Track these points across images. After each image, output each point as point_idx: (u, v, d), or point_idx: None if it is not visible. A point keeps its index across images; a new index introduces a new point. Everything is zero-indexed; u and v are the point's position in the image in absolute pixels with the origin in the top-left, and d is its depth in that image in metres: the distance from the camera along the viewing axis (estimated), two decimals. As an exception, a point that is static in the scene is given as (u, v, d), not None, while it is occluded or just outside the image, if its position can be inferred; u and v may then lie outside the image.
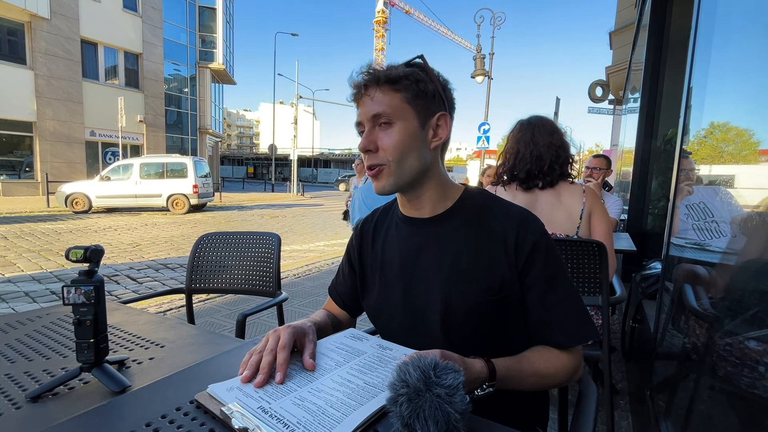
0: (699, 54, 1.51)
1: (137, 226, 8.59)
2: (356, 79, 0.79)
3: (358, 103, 0.81)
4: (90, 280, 0.69)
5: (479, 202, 0.83)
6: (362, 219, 0.99)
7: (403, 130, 0.76)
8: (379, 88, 0.77)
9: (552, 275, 0.77)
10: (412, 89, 0.76)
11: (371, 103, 0.77)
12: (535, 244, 0.76)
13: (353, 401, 0.58)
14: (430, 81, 0.78)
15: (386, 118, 0.76)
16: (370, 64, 0.80)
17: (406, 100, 0.77)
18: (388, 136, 0.76)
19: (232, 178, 44.23)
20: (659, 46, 3.17)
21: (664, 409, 1.51)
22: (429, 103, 0.78)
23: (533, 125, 1.65)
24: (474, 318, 0.77)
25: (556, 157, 1.60)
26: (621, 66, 7.99)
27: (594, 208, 1.64)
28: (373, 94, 0.77)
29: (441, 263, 0.79)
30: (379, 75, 0.77)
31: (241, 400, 0.58)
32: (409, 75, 0.76)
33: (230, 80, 26.31)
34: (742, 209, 1.30)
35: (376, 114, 0.76)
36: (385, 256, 0.88)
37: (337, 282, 1.02)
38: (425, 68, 0.80)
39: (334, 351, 0.73)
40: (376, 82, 0.77)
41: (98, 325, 0.70)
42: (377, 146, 0.77)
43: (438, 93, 0.79)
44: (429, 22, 46.50)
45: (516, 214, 0.80)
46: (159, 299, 3.48)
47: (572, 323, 0.76)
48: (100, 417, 0.58)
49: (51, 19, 14.03)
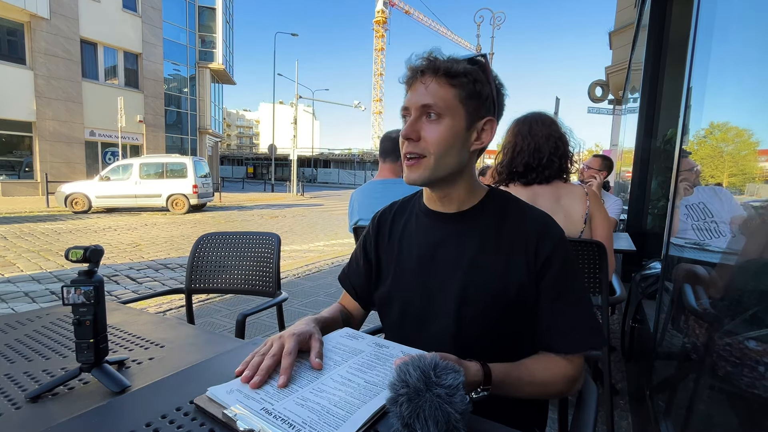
0: (698, 54, 1.51)
1: (137, 226, 8.58)
2: (414, 63, 0.77)
3: (409, 86, 0.78)
4: (90, 280, 0.69)
5: (502, 202, 0.84)
6: (379, 211, 0.98)
7: (450, 127, 0.75)
8: (436, 79, 0.74)
9: (566, 282, 0.77)
10: (468, 88, 0.74)
11: (424, 92, 0.74)
12: (554, 250, 0.76)
13: (356, 400, 0.58)
14: (487, 83, 0.76)
15: (436, 111, 0.74)
16: (432, 51, 0.77)
17: (460, 98, 0.75)
18: (434, 130, 0.75)
19: (231, 178, 44.20)
20: (659, 46, 3.17)
21: (663, 409, 1.51)
22: (480, 106, 0.77)
23: (530, 119, 1.62)
24: (487, 316, 0.77)
25: (555, 148, 1.56)
26: (621, 66, 8.00)
27: (596, 211, 1.61)
28: (428, 83, 0.74)
29: (460, 259, 0.79)
30: (439, 66, 0.74)
31: (243, 401, 0.58)
32: (468, 73, 0.74)
33: (230, 80, 26.31)
34: (741, 209, 1.31)
35: (427, 104, 0.74)
36: (402, 247, 0.88)
37: (350, 272, 1.00)
38: (485, 69, 0.77)
39: (332, 351, 0.73)
40: (435, 71, 0.74)
41: (98, 326, 0.70)
42: (420, 136, 0.75)
43: (491, 97, 0.78)
44: (429, 22, 46.53)
45: (537, 218, 0.80)
46: (159, 299, 3.48)
47: (577, 331, 0.75)
48: (100, 417, 0.58)
49: (50, 19, 14.02)
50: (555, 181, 1.60)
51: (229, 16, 25.07)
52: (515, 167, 1.62)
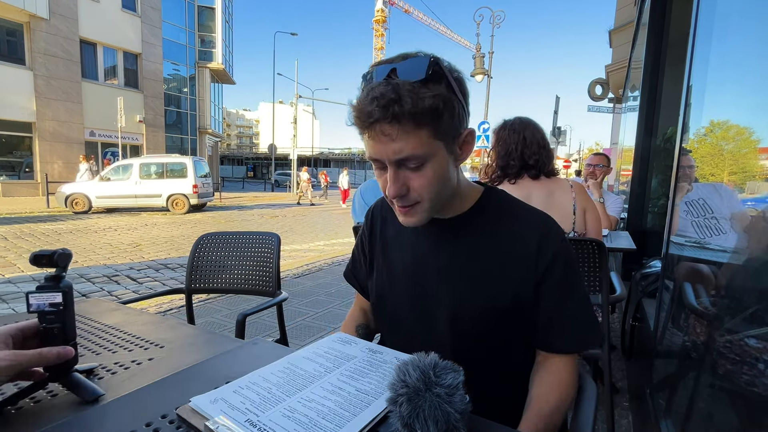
0: (698, 52, 1.50)
1: (137, 226, 8.58)
2: (366, 106, 0.62)
3: (367, 134, 0.65)
4: (57, 285, 0.64)
5: (499, 204, 0.80)
6: (372, 205, 0.96)
7: (437, 169, 0.67)
8: (400, 127, 0.62)
9: (567, 284, 0.75)
10: (440, 119, 0.63)
11: (392, 144, 0.63)
12: (556, 254, 0.73)
13: (346, 411, 0.55)
14: (452, 94, 0.65)
15: (414, 161, 0.65)
16: (378, 85, 0.62)
17: (436, 135, 0.64)
18: (420, 179, 0.67)
19: (231, 177, 44.19)
20: (659, 44, 3.16)
21: (664, 408, 1.51)
22: (457, 126, 0.68)
23: (517, 122, 1.72)
24: (482, 326, 0.75)
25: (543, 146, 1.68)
26: (621, 64, 7.99)
27: (587, 205, 1.69)
28: (393, 134, 0.62)
29: (454, 268, 0.77)
30: (400, 111, 0.60)
31: (227, 412, 0.55)
32: (435, 107, 0.62)
33: (229, 80, 26.30)
34: (741, 206, 1.30)
35: (402, 159, 0.65)
36: (395, 249, 0.86)
37: (355, 268, 1.00)
38: (445, 77, 0.64)
39: (323, 356, 0.71)
40: (397, 119, 0.61)
41: (67, 333, 0.65)
42: (408, 189, 0.68)
43: (461, 105, 0.67)
44: (428, 21, 46.47)
45: (537, 220, 0.77)
46: (159, 299, 3.48)
47: (577, 330, 0.75)
48: (99, 417, 0.58)
49: (50, 19, 14.01)
50: (544, 177, 1.68)
51: (229, 15, 25.06)
52: (504, 165, 1.70)
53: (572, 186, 1.68)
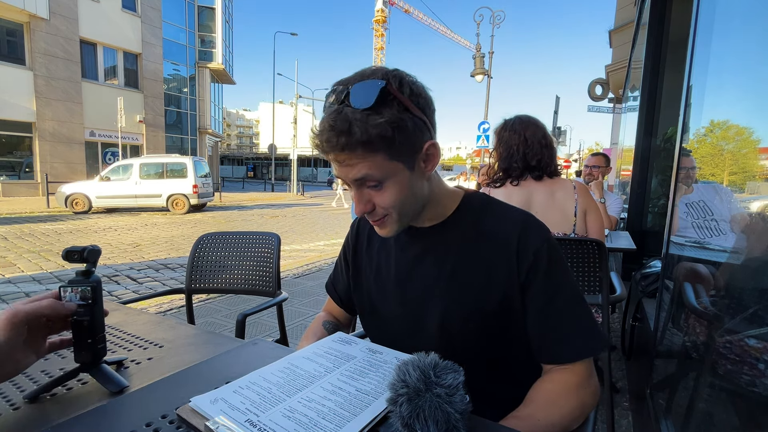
0: (698, 52, 1.50)
1: (137, 227, 8.58)
2: (320, 135, 0.64)
3: (329, 157, 0.68)
4: (87, 280, 0.68)
5: (479, 208, 0.79)
6: (359, 217, 0.97)
7: (397, 186, 0.68)
8: (354, 155, 0.64)
9: (555, 284, 0.72)
10: (393, 141, 0.63)
11: (350, 169, 0.66)
12: (537, 252, 0.71)
13: (346, 411, 0.55)
14: (406, 111, 0.64)
15: (373, 182, 0.67)
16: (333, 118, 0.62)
17: (391, 156, 0.65)
18: (382, 196, 0.69)
19: (232, 177, 44.20)
20: (659, 44, 3.16)
21: (664, 408, 1.51)
22: (414, 142, 0.67)
23: (518, 121, 1.71)
24: (473, 327, 0.75)
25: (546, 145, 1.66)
26: (621, 64, 7.99)
27: (588, 206, 1.67)
28: (348, 160, 0.65)
29: (440, 275, 0.76)
30: (349, 142, 0.62)
31: (227, 412, 0.55)
32: (384, 132, 0.62)
33: (229, 80, 26.30)
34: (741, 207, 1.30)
35: (360, 179, 0.67)
36: (380, 259, 0.87)
37: (336, 279, 1.01)
38: (396, 96, 0.63)
39: (323, 356, 0.70)
40: (349, 148, 0.63)
41: (96, 326, 0.69)
42: (373, 205, 0.71)
43: (419, 121, 0.67)
44: (428, 21, 46.50)
45: (517, 220, 0.75)
46: (159, 299, 3.48)
47: (575, 336, 0.71)
48: (99, 417, 0.58)
49: (50, 19, 14.01)
50: (547, 178, 1.67)
51: (229, 15, 25.06)
52: (506, 167, 1.69)
53: (575, 187, 1.67)
